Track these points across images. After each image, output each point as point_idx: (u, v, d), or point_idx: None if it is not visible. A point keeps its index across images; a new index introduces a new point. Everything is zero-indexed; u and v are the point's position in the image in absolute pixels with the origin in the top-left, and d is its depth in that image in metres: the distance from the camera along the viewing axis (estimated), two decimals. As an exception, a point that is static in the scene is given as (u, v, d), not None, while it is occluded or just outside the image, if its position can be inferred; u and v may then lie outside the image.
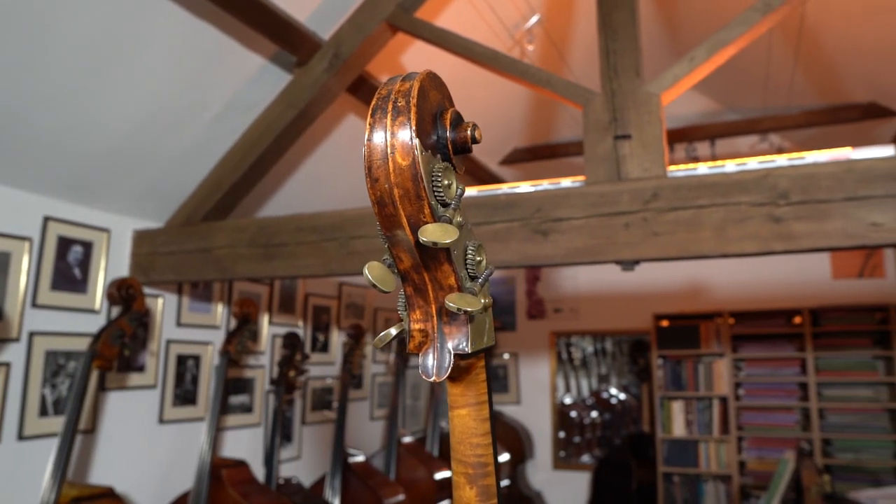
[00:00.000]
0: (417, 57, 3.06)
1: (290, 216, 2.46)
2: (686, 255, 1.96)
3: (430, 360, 0.72)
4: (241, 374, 3.31)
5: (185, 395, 2.99)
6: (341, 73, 2.53)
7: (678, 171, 2.05)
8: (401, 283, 0.77)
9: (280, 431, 3.09)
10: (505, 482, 4.70)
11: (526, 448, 5.23)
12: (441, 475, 3.89)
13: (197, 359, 3.05)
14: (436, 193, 0.65)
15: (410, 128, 0.63)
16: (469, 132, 0.68)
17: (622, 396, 7.95)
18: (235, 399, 3.25)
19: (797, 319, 4.64)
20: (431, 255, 0.68)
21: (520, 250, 2.14)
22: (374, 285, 0.68)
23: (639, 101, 2.09)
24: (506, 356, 5.61)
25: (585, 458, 6.23)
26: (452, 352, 0.72)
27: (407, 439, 4.03)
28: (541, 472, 5.36)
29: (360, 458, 3.54)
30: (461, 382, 0.76)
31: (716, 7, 3.17)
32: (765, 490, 4.33)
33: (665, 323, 4.95)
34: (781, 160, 1.95)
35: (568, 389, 5.93)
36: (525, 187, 2.25)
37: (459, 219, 0.68)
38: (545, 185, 2.25)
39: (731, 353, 4.69)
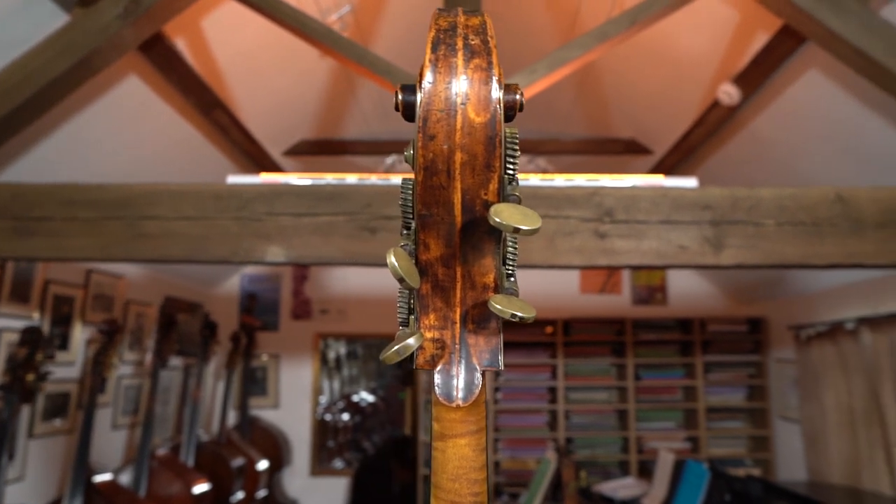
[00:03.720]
0: (220, 24, 2.73)
1: (59, 185, 2.01)
2: (530, 265, 1.97)
3: (453, 380, 0.56)
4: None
5: None
6: (139, 24, 2.13)
7: (527, 180, 2.06)
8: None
9: (8, 448, 2.52)
10: (262, 492, 4.40)
11: (284, 455, 4.97)
12: (199, 489, 3.50)
13: None
14: (508, 165, 0.50)
15: (492, 75, 0.48)
16: (519, 97, 0.53)
17: (371, 399, 8.01)
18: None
19: (549, 329, 5.05)
20: (474, 245, 0.53)
21: (344, 247, 1.98)
22: (403, 279, 0.51)
23: (479, 104, 2.06)
24: (265, 357, 5.29)
25: (338, 462, 6.14)
26: (480, 369, 0.57)
27: (161, 451, 3.57)
28: (298, 479, 5.14)
29: (107, 477, 3.04)
30: (464, 405, 0.61)
31: (556, 26, 3.31)
32: (517, 487, 4.62)
33: (431, 328, 5.05)
34: (606, 180, 2.06)
35: (321, 392, 5.78)
36: (353, 180, 2.09)
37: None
38: (374, 179, 2.12)
39: (491, 359, 4.94)
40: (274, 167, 3.86)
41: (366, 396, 7.89)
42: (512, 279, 0.57)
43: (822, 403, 3.99)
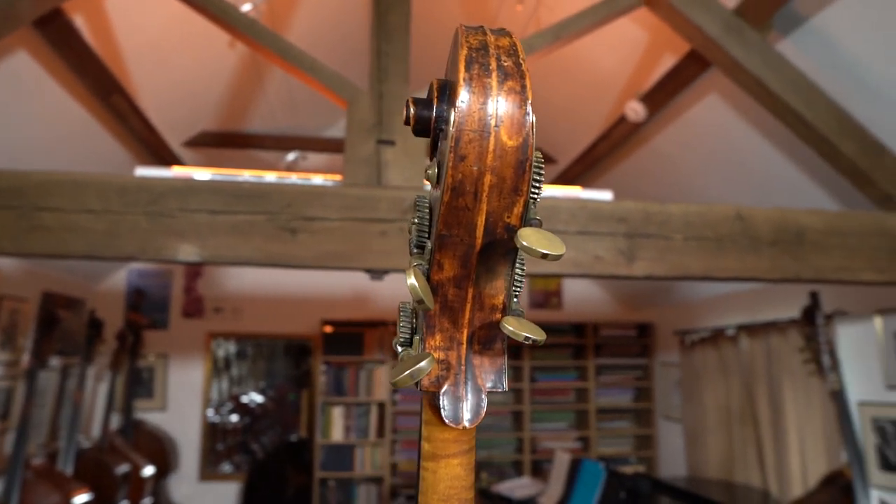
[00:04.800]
0: (123, 2, 2.55)
1: (-60, 169, 1.81)
2: (438, 270, 1.97)
3: (460, 402, 0.56)
4: None
5: None
6: (38, -4, 1.96)
7: (435, 185, 2.06)
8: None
9: None
10: (148, 500, 4.17)
11: (171, 459, 4.73)
12: (79, 499, 3.26)
13: None
14: (534, 189, 0.50)
15: (525, 98, 0.48)
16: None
17: (260, 400, 7.76)
18: None
19: (448, 331, 5.09)
20: (489, 267, 0.53)
21: (263, 247, 1.91)
22: (422, 300, 0.51)
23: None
24: (152, 357, 5.01)
25: (227, 467, 5.91)
26: (486, 391, 0.57)
27: (36, 459, 3.29)
28: (185, 484, 4.90)
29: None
30: (470, 427, 0.60)
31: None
32: (414, 488, 4.62)
33: (329, 329, 4.98)
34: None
35: (211, 394, 5.55)
36: (272, 178, 2.02)
37: (537, 223, 0.53)
38: (294, 178, 2.06)
39: (392, 361, 4.93)
40: (173, 158, 3.67)
41: (255, 397, 7.65)
42: (516, 300, 0.57)
43: (702, 404, 4.27)
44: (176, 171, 2.00)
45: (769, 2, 2.11)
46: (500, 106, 0.46)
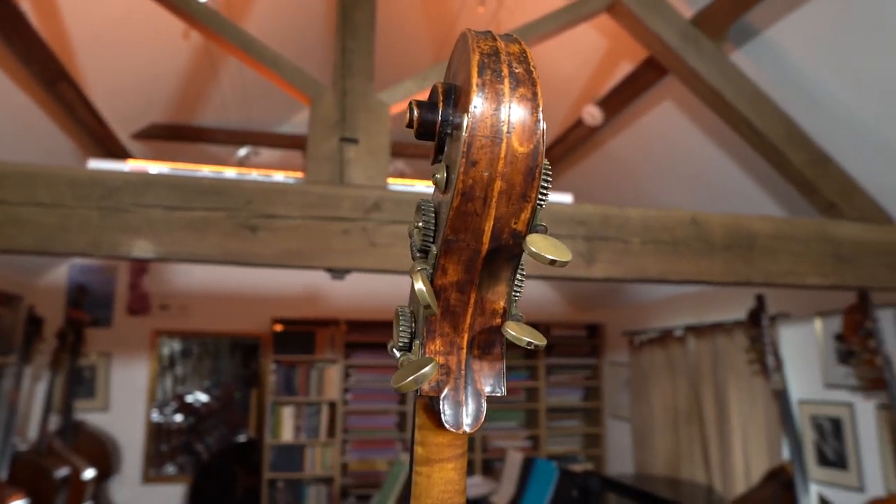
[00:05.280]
0: (74, -13, 2.46)
1: None
2: (400, 269, 1.96)
3: (461, 407, 0.56)
4: None
5: None
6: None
7: (398, 184, 2.05)
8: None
9: None
10: (87, 504, 4.03)
11: (113, 462, 4.59)
12: (17, 504, 3.13)
13: None
14: (541, 196, 0.51)
15: (537, 106, 0.48)
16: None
17: (205, 399, 7.59)
18: None
19: (400, 330, 5.08)
20: (492, 272, 0.53)
21: (222, 245, 1.87)
22: (428, 305, 0.51)
23: (370, 106, 2.03)
24: (93, 356, 4.84)
25: (170, 468, 5.76)
26: (485, 395, 0.57)
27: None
28: (127, 487, 4.76)
29: None
30: (470, 432, 0.61)
31: (431, 37, 3.31)
32: (365, 488, 4.60)
33: (280, 327, 4.90)
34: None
35: (157, 394, 5.40)
36: (232, 174, 1.98)
37: (542, 228, 0.54)
38: (255, 175, 2.02)
39: (343, 360, 4.89)
40: (121, 150, 3.55)
41: (200, 396, 7.48)
42: (516, 303, 0.57)
43: (650, 403, 4.37)
44: (131, 165, 1.94)
45: (725, 14, 2.17)
46: (512, 112, 0.46)
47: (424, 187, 2.07)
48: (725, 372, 3.62)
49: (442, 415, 0.54)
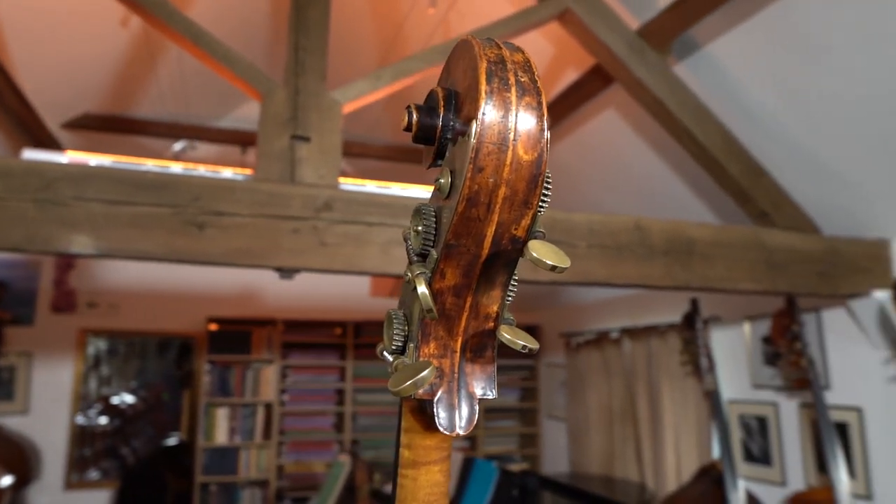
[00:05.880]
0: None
1: None
2: (351, 270, 1.95)
3: (454, 410, 0.57)
4: None
5: None
6: None
7: (349, 184, 2.04)
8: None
9: None
10: (6, 512, 3.83)
11: (32, 467, 4.37)
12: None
13: None
14: (542, 203, 0.52)
15: (542, 115, 0.49)
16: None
17: (132, 401, 7.32)
18: None
19: (338, 331, 5.04)
20: (489, 277, 0.54)
21: (167, 242, 1.81)
22: (431, 309, 0.52)
23: (322, 105, 2.01)
24: (13, 356, 4.60)
25: (94, 473, 5.53)
26: (477, 398, 0.58)
27: None
28: (48, 495, 4.54)
29: None
30: (463, 434, 0.61)
31: (378, 35, 3.29)
32: (302, 491, 4.54)
33: (215, 327, 4.78)
34: (439, 192, 2.12)
35: (82, 396, 5.18)
36: (178, 169, 1.92)
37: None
38: (202, 170, 1.96)
39: (280, 360, 4.81)
40: (50, 140, 3.39)
41: (126, 398, 7.21)
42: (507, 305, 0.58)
43: (585, 403, 4.47)
44: (70, 156, 1.86)
45: (670, 27, 2.25)
46: (519, 120, 0.47)
47: (376, 188, 2.06)
48: (659, 373, 3.74)
49: (436, 418, 0.55)
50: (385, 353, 0.57)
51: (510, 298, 0.57)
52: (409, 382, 0.51)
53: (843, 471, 2.33)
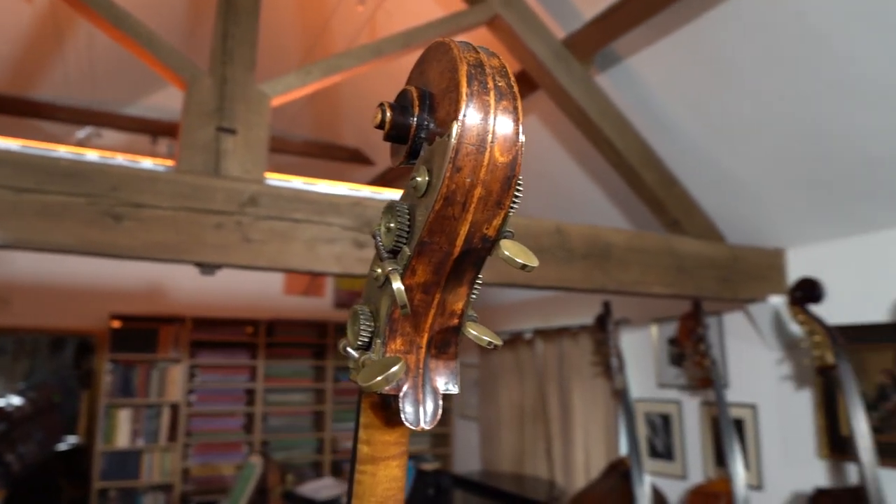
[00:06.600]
0: None
1: None
2: (275, 267, 1.91)
3: (419, 405, 0.58)
4: None
5: None
6: None
7: (275, 179, 2.00)
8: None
9: None
10: None
11: None
12: None
13: None
14: (514, 204, 0.54)
15: (517, 119, 0.52)
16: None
17: (18, 402, 6.87)
18: None
19: (249, 330, 4.91)
20: (458, 274, 0.56)
21: (81, 233, 1.72)
22: (405, 305, 0.53)
23: (250, 97, 1.96)
24: None
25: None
26: (440, 393, 0.59)
27: None
28: (-76, 503, 4.19)
29: None
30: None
31: (304, 31, 3.22)
32: (209, 494, 4.40)
33: (118, 324, 4.56)
34: (366, 192, 2.12)
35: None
36: (94, 157, 1.82)
37: (505, 236, 0.57)
38: (120, 159, 1.87)
39: (188, 359, 4.64)
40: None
41: (13, 400, 6.75)
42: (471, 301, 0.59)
43: (497, 403, 4.56)
44: (-28, 140, 1.73)
45: (594, 39, 2.33)
46: (497, 123, 0.48)
47: (303, 184, 2.03)
48: (570, 373, 3.86)
49: (402, 413, 0.55)
50: (349, 349, 0.58)
51: (474, 296, 0.59)
52: (380, 377, 0.51)
53: (740, 464, 2.49)
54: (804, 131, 2.20)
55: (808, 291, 2.36)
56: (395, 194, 2.22)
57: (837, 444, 2.50)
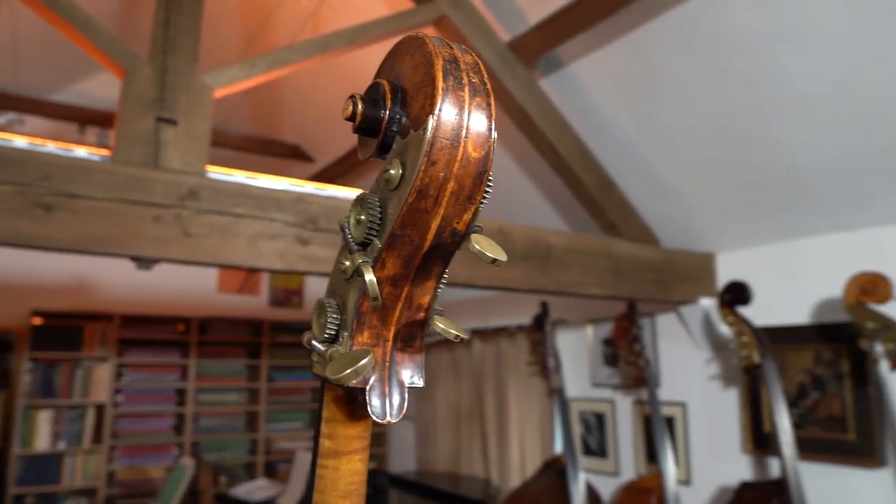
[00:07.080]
0: None
1: None
2: (216, 262, 1.87)
3: (386, 398, 0.58)
4: None
5: None
6: None
7: (217, 173, 1.95)
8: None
9: None
10: None
11: None
12: None
13: None
14: (484, 199, 0.55)
15: (490, 115, 0.53)
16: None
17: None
18: None
19: (181, 328, 4.77)
20: (427, 268, 0.57)
21: (8, 225, 1.63)
22: (377, 298, 0.53)
23: (192, 87, 1.90)
24: None
25: None
26: (406, 386, 0.60)
27: None
28: None
29: None
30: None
31: (245, 23, 3.14)
32: (137, 498, 4.25)
33: (39, 321, 4.35)
34: (310, 187, 2.09)
35: None
36: (23, 143, 1.74)
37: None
38: (52, 146, 1.79)
39: (115, 358, 4.47)
40: None
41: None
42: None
43: (434, 403, 4.57)
44: None
45: (538, 44, 2.37)
46: (471, 119, 0.49)
47: (245, 178, 1.99)
48: (506, 373, 3.91)
49: (369, 406, 0.55)
50: (314, 342, 0.57)
51: (440, 290, 0.59)
52: (349, 370, 0.51)
53: (671, 460, 2.58)
54: (735, 141, 2.30)
55: (737, 294, 2.47)
56: (339, 191, 2.21)
57: (761, 440, 2.62)
